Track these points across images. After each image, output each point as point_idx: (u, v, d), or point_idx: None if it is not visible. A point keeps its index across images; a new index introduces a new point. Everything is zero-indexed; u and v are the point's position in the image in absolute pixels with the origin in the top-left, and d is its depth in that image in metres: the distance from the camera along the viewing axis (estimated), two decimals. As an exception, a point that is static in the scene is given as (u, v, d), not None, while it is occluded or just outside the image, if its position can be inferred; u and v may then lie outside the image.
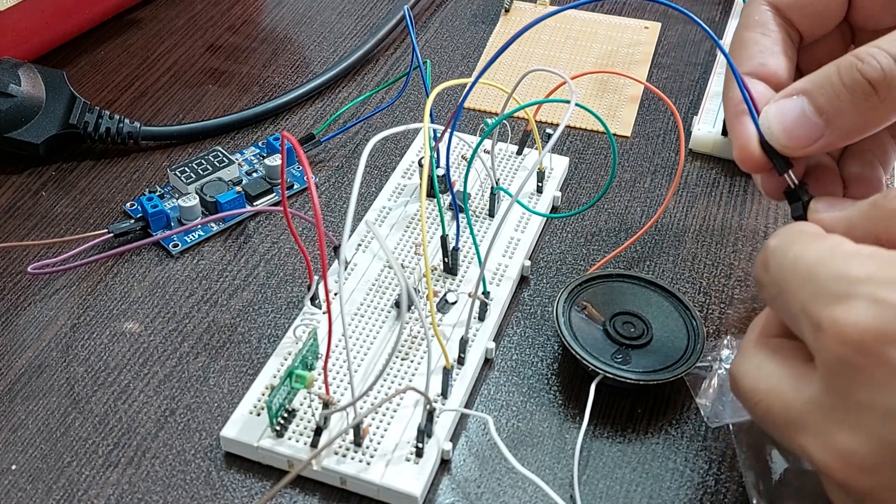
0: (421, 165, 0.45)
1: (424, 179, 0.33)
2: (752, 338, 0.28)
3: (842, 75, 0.28)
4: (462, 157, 0.45)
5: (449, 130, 0.37)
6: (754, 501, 0.32)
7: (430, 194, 0.43)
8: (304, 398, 0.34)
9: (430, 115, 0.40)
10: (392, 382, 0.35)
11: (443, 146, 0.41)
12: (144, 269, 0.41)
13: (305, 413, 0.34)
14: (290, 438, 0.33)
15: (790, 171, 0.31)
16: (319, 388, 0.33)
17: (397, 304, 0.38)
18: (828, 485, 0.26)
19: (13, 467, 0.34)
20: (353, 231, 0.41)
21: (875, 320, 0.23)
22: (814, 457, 0.25)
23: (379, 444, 0.33)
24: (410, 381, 0.35)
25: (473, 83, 0.36)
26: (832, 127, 0.29)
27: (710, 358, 0.36)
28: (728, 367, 0.35)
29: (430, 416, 0.32)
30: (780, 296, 0.26)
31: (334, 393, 0.34)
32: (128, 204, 0.44)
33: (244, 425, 0.33)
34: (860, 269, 0.24)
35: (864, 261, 0.25)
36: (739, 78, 0.31)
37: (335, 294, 0.38)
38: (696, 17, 0.32)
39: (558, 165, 0.45)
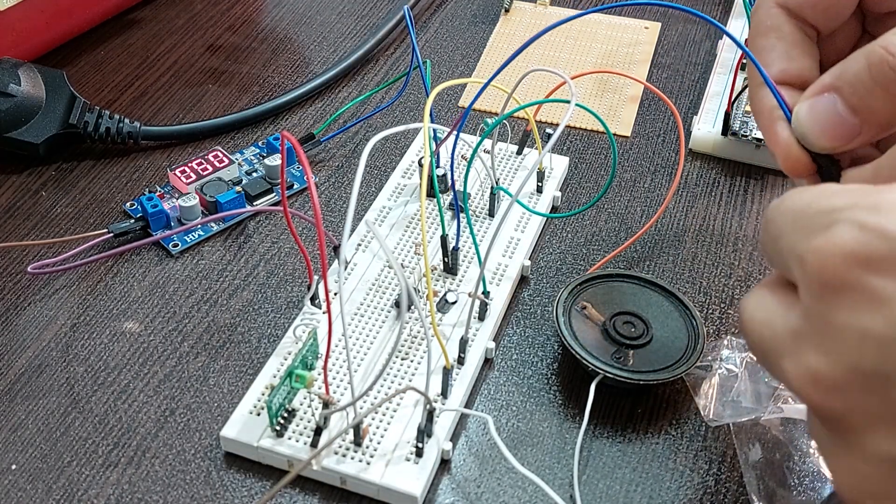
0: (421, 165, 0.45)
1: (424, 179, 0.33)
2: (763, 280, 0.28)
3: (872, 72, 0.27)
4: (462, 156, 0.45)
5: (455, 133, 0.37)
6: (754, 501, 0.32)
7: (431, 194, 0.43)
8: (304, 398, 0.34)
9: (430, 115, 0.40)
10: (392, 382, 0.35)
11: (446, 148, 0.41)
12: (144, 269, 0.41)
13: (305, 413, 0.34)
14: (289, 438, 0.33)
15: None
16: (319, 388, 0.33)
17: (397, 304, 0.38)
18: (808, 415, 0.27)
19: (13, 467, 0.34)
20: (353, 231, 0.41)
21: (856, 243, 0.23)
22: (790, 379, 0.25)
23: (379, 443, 0.33)
24: (410, 380, 0.35)
25: (485, 86, 0.35)
26: (868, 124, 0.28)
27: (710, 358, 0.36)
28: (728, 366, 0.35)
29: (430, 415, 0.32)
30: (774, 246, 0.26)
31: (334, 393, 0.34)
32: (128, 204, 0.44)
33: (244, 425, 0.33)
34: (843, 200, 0.24)
35: (849, 192, 0.25)
36: (771, 83, 0.29)
37: (335, 294, 0.38)
38: (723, 27, 0.30)
39: (558, 165, 0.45)
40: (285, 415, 0.33)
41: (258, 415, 0.34)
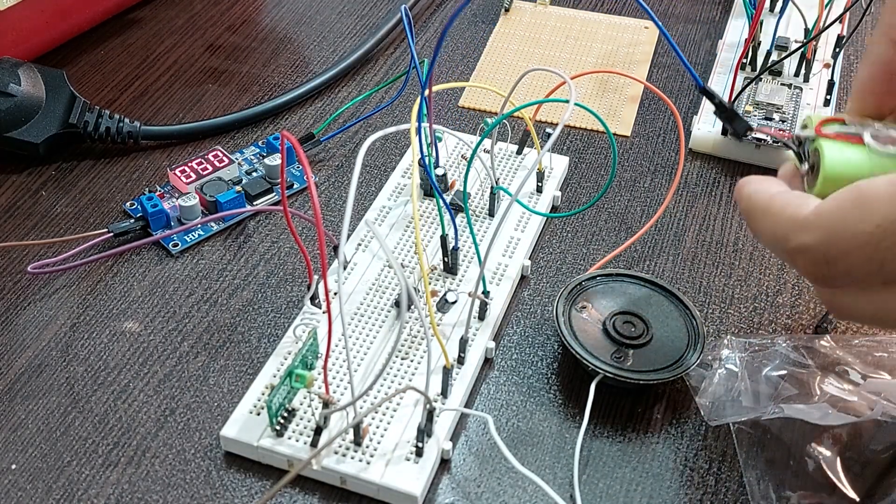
0: (420, 165, 0.44)
1: (415, 178, 0.33)
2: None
3: None
4: (462, 156, 0.45)
5: (418, 123, 0.37)
6: (754, 501, 0.32)
7: (431, 194, 0.43)
8: (304, 398, 0.34)
9: (430, 115, 0.40)
10: (392, 382, 0.35)
11: (446, 148, 0.41)
12: (144, 269, 0.41)
13: (305, 412, 0.34)
14: (289, 438, 0.33)
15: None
16: (319, 388, 0.33)
17: (397, 304, 0.38)
18: None
19: (13, 467, 0.34)
20: (351, 231, 0.41)
21: None
22: None
23: (379, 443, 0.33)
24: (410, 380, 0.35)
25: (429, 70, 0.35)
26: None
27: (710, 358, 0.36)
28: (728, 366, 0.35)
29: (429, 415, 0.32)
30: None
31: (334, 392, 0.34)
32: (128, 203, 0.44)
33: (244, 425, 0.33)
34: None
35: None
36: (684, 61, 0.32)
37: (335, 293, 0.38)
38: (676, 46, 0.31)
39: (558, 165, 0.45)
40: (285, 414, 0.33)
41: (258, 414, 0.34)
